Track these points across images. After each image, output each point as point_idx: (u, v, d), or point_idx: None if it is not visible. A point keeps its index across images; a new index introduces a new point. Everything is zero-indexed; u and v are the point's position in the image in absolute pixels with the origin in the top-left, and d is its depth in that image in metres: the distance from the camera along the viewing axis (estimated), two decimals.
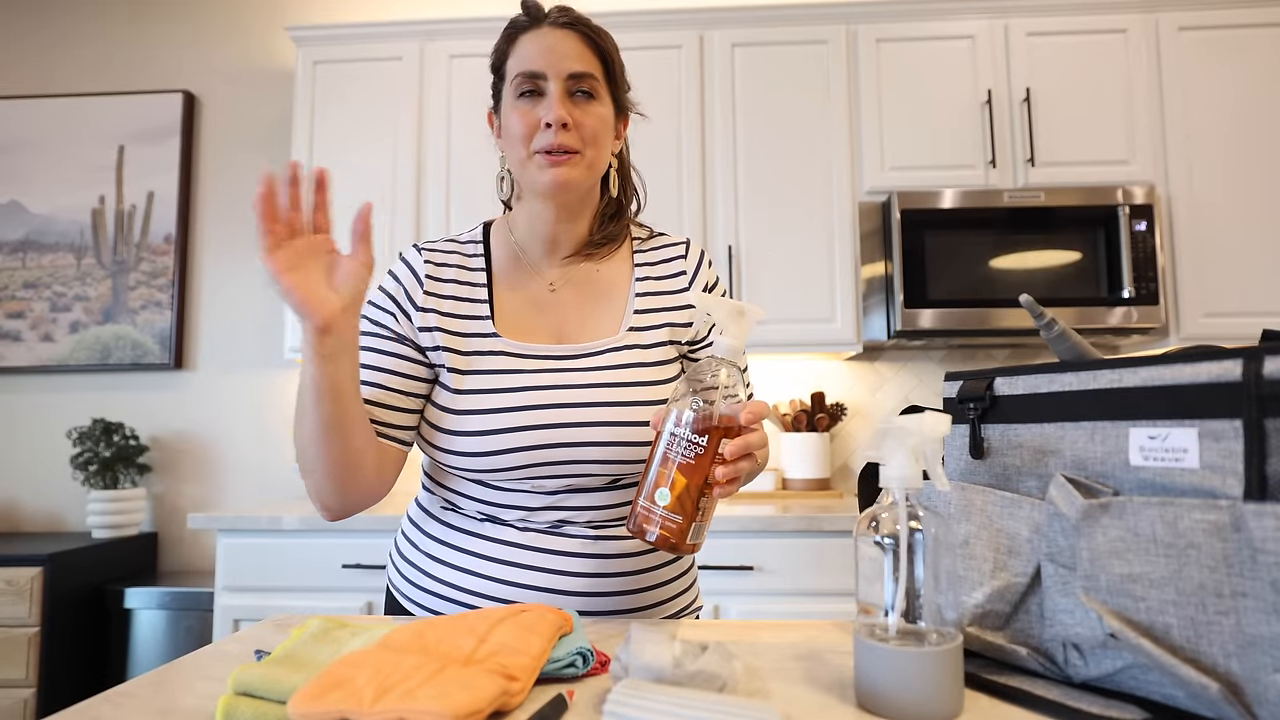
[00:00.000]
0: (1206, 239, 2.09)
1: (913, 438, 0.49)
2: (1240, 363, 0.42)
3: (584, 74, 0.80)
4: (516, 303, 0.85)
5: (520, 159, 0.81)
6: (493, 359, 0.81)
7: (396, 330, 0.82)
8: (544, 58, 0.79)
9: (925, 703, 0.46)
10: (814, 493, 2.22)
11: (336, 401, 0.70)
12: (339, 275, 0.68)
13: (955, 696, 0.47)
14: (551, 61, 0.78)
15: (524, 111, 0.79)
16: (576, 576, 0.79)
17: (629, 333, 0.84)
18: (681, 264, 0.89)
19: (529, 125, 0.79)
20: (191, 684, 0.55)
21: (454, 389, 0.80)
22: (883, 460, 0.50)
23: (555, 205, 0.83)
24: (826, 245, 2.16)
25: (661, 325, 0.85)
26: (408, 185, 2.24)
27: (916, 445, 0.49)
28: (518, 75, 0.80)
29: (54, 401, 2.55)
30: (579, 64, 0.79)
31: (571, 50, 0.79)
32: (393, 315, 0.83)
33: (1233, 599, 0.41)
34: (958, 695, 0.48)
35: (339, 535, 1.87)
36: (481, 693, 0.44)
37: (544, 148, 0.78)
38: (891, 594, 0.48)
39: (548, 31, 0.80)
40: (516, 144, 0.80)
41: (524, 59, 0.80)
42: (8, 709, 1.96)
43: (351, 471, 0.74)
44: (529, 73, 0.79)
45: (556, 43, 0.79)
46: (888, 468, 0.50)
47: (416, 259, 0.85)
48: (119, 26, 2.66)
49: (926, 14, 2.19)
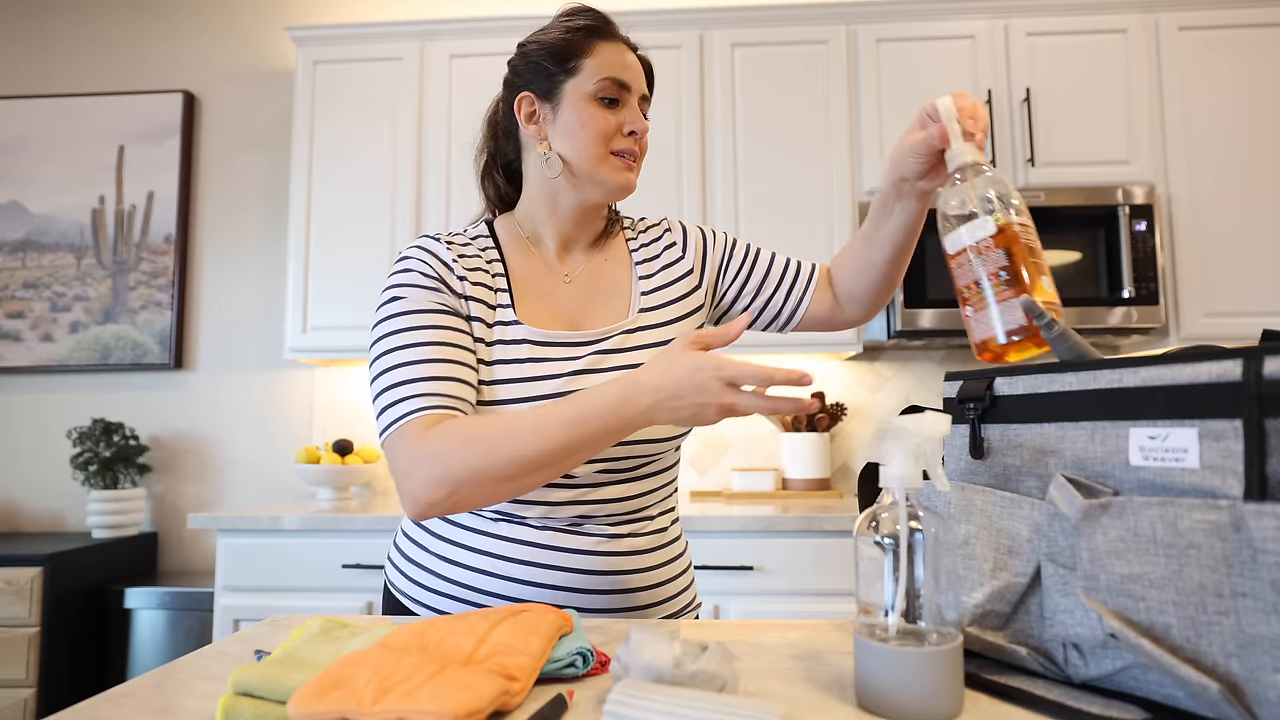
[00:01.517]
0: (1206, 239, 2.09)
1: (913, 438, 0.49)
2: (1240, 363, 0.42)
3: (646, 98, 0.89)
4: (533, 293, 0.87)
5: (595, 155, 0.84)
6: (518, 347, 0.81)
7: (450, 305, 0.80)
8: (630, 72, 0.85)
9: (925, 703, 0.46)
10: (814, 493, 2.22)
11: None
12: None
13: (955, 696, 0.47)
14: (635, 78, 0.86)
15: (607, 114, 0.84)
16: (594, 574, 0.80)
17: (640, 314, 0.87)
18: (670, 236, 0.94)
19: (611, 127, 0.84)
20: (191, 684, 0.55)
21: (480, 379, 0.80)
22: (883, 460, 0.50)
23: (602, 202, 0.88)
24: (826, 245, 2.16)
25: (671, 301, 0.89)
26: (408, 185, 2.24)
27: (916, 445, 0.49)
28: (608, 79, 0.83)
29: (54, 401, 2.55)
30: (646, 89, 0.89)
31: (643, 74, 0.89)
32: (441, 290, 0.80)
33: (1233, 599, 0.41)
34: (957, 695, 0.48)
35: (339, 535, 1.87)
36: (481, 693, 0.44)
37: (624, 150, 0.85)
38: (891, 594, 0.48)
39: (626, 50, 0.87)
40: (595, 140, 0.84)
41: (612, 66, 0.84)
42: (8, 709, 1.96)
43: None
44: (621, 81, 0.84)
45: (634, 63, 0.87)
46: (888, 468, 0.49)
47: (439, 248, 0.84)
48: (118, 26, 2.66)
49: (926, 14, 2.19)
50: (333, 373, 2.51)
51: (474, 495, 0.70)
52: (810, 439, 2.26)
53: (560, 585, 0.79)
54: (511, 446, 0.68)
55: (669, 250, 0.92)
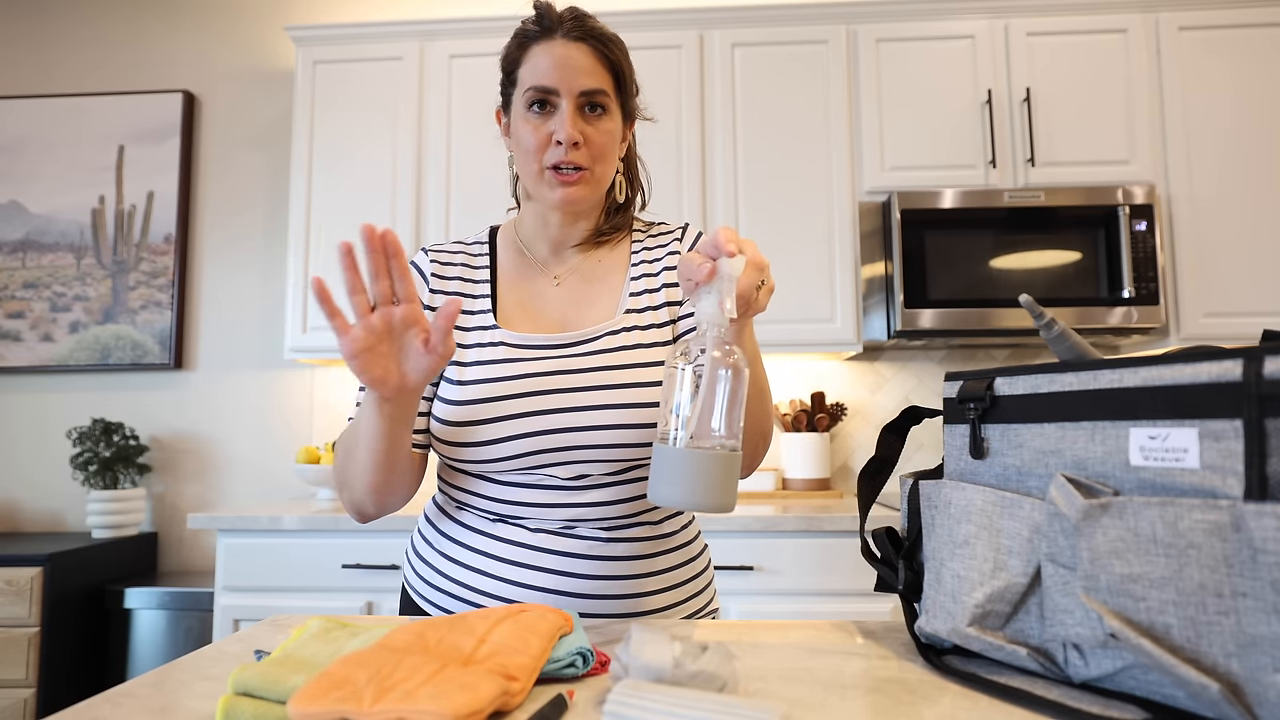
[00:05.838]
0: (1206, 239, 2.09)
1: (719, 281, 0.59)
2: (1240, 363, 0.42)
3: (595, 90, 0.80)
4: (520, 297, 0.87)
5: (531, 172, 0.82)
6: (492, 349, 0.82)
7: None
8: (556, 72, 0.79)
9: (697, 495, 0.58)
10: (814, 493, 2.22)
11: (392, 445, 0.73)
12: (414, 362, 0.65)
13: (723, 494, 0.59)
14: (564, 77, 0.79)
15: (535, 125, 0.80)
16: (586, 579, 0.79)
17: (625, 315, 0.85)
18: (677, 244, 0.90)
19: (540, 139, 0.80)
20: (191, 684, 0.55)
21: (456, 381, 0.81)
22: (695, 302, 0.61)
23: (562, 214, 0.86)
24: (826, 245, 2.16)
25: (660, 305, 0.86)
26: (408, 185, 2.24)
27: (722, 286, 0.59)
28: (530, 88, 0.80)
29: (54, 401, 2.55)
30: (590, 80, 0.80)
31: (584, 65, 0.80)
32: None
33: (1233, 599, 0.41)
34: (728, 493, 0.59)
35: (339, 535, 1.87)
36: (481, 693, 0.44)
37: (555, 164, 0.80)
38: (678, 406, 0.59)
39: (560, 44, 0.80)
40: (528, 156, 0.82)
41: (536, 71, 0.80)
42: (8, 709, 1.96)
43: (390, 488, 0.78)
44: (541, 87, 0.80)
45: (569, 57, 0.79)
46: (700, 305, 0.60)
47: (423, 260, 0.88)
48: (118, 26, 2.66)
49: (926, 14, 2.19)
50: (333, 373, 2.51)
51: (353, 499, 0.79)
52: (810, 439, 2.26)
53: (555, 589, 0.79)
54: (339, 453, 0.78)
55: (671, 256, 0.90)
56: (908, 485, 0.67)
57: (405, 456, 0.76)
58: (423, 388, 0.68)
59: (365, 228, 0.61)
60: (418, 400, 0.71)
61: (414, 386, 0.67)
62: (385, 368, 0.64)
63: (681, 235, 0.91)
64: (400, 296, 0.64)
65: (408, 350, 0.65)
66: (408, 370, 0.65)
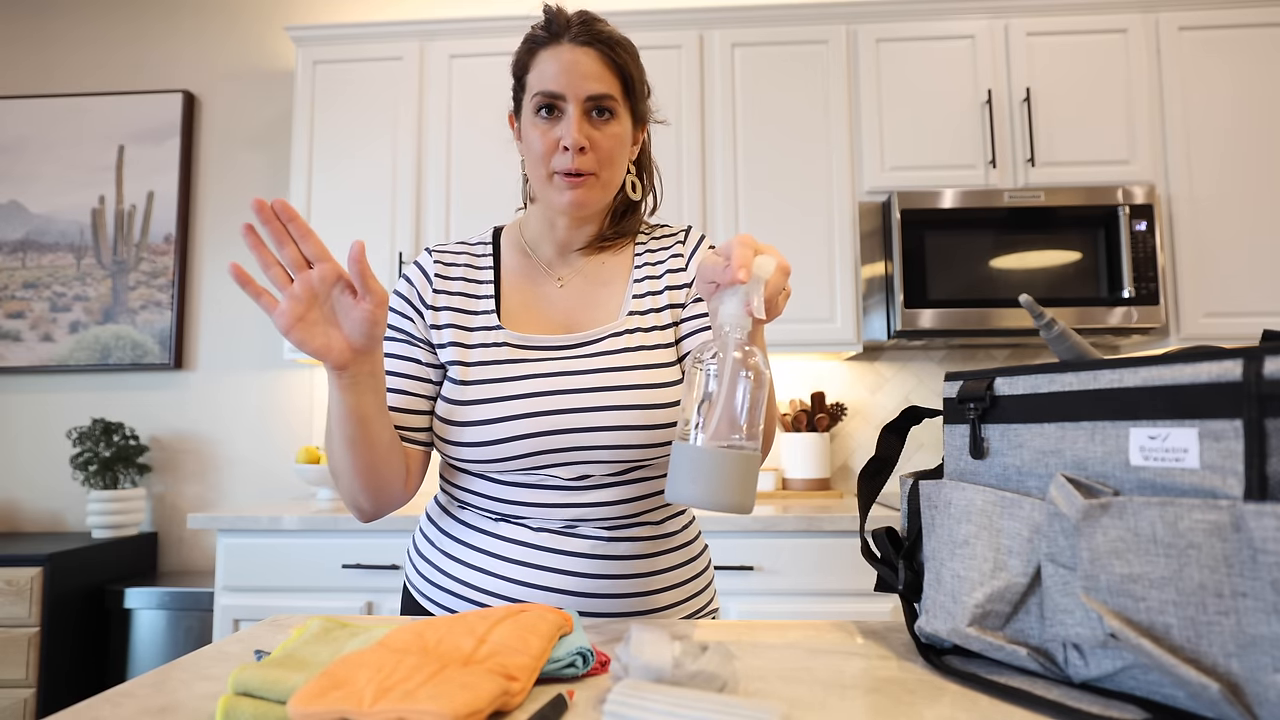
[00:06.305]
0: (1206, 239, 2.09)
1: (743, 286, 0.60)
2: (1240, 363, 0.42)
3: (601, 95, 0.80)
4: (524, 298, 0.87)
5: (540, 176, 0.83)
6: (496, 350, 0.82)
7: (412, 333, 0.85)
8: (563, 78, 0.79)
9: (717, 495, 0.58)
10: (814, 493, 2.22)
11: (361, 423, 0.72)
12: (350, 321, 0.66)
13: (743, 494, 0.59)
14: (570, 82, 0.79)
15: (543, 130, 0.81)
16: (588, 578, 0.79)
17: (629, 316, 0.85)
18: (680, 247, 0.90)
19: (548, 145, 0.81)
20: (191, 684, 0.55)
21: (459, 380, 0.81)
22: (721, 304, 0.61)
23: (569, 217, 0.86)
24: (826, 245, 2.16)
25: (663, 308, 0.87)
26: (408, 185, 2.24)
27: (746, 289, 0.60)
28: (537, 94, 0.81)
29: (54, 401, 2.55)
30: (597, 85, 0.80)
31: (591, 70, 0.80)
32: (409, 319, 0.86)
33: (1233, 599, 0.41)
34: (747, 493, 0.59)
35: (339, 535, 1.87)
36: (481, 693, 0.44)
37: (562, 169, 0.81)
38: (696, 406, 0.60)
39: (567, 49, 0.80)
40: (536, 161, 0.83)
41: (544, 77, 0.81)
42: (8, 709, 1.96)
43: (379, 478, 0.77)
44: (548, 93, 0.80)
45: (576, 62, 0.80)
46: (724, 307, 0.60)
47: (427, 260, 0.89)
48: (118, 26, 2.66)
49: (926, 14, 2.19)
50: None
51: (347, 492, 0.78)
52: (810, 439, 2.26)
53: (557, 588, 0.79)
54: (325, 448, 0.78)
55: (674, 259, 0.90)
56: (908, 485, 0.67)
57: (384, 438, 0.75)
58: (371, 349, 0.68)
59: (255, 201, 0.62)
60: (375, 369, 0.71)
61: (360, 347, 0.67)
62: (326, 333, 0.65)
63: (685, 237, 0.92)
64: (311, 257, 0.64)
65: (341, 310, 0.66)
66: (348, 332, 0.66)
